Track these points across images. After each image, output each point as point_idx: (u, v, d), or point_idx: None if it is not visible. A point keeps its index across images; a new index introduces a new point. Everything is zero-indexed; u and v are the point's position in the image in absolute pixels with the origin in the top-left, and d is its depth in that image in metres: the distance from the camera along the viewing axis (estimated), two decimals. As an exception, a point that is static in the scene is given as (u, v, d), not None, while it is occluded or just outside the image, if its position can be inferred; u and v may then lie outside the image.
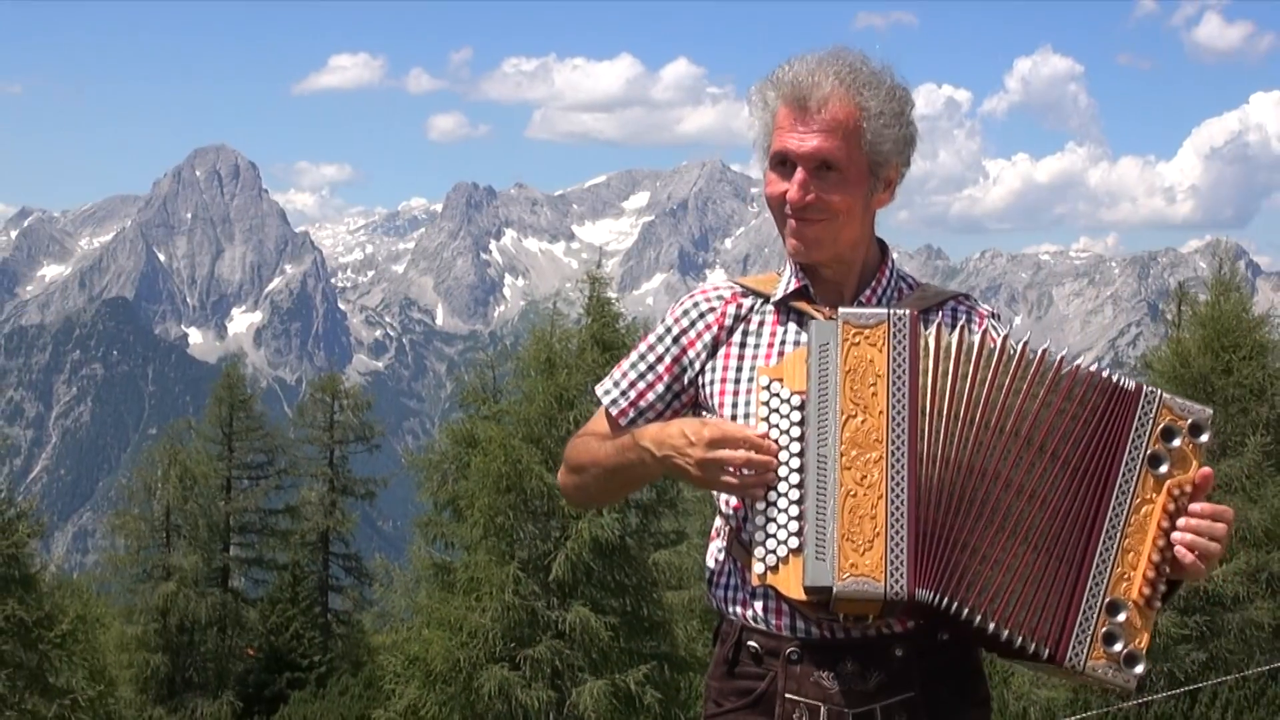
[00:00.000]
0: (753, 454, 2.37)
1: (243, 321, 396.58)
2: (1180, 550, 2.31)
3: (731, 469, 2.39)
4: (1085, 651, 2.29)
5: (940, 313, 2.58)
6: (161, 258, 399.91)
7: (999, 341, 2.38)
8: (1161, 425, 2.34)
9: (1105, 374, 2.36)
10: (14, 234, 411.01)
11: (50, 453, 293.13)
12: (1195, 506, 2.34)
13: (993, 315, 2.63)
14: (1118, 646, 2.29)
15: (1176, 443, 2.34)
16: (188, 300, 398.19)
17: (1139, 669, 2.29)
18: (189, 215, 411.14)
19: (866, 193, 2.50)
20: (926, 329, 2.40)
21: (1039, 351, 2.36)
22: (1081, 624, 2.29)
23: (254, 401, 28.23)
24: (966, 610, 2.30)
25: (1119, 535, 2.31)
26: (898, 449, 2.33)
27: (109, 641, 21.68)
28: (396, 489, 29.48)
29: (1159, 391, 2.35)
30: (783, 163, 2.49)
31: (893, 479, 2.32)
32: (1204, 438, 2.35)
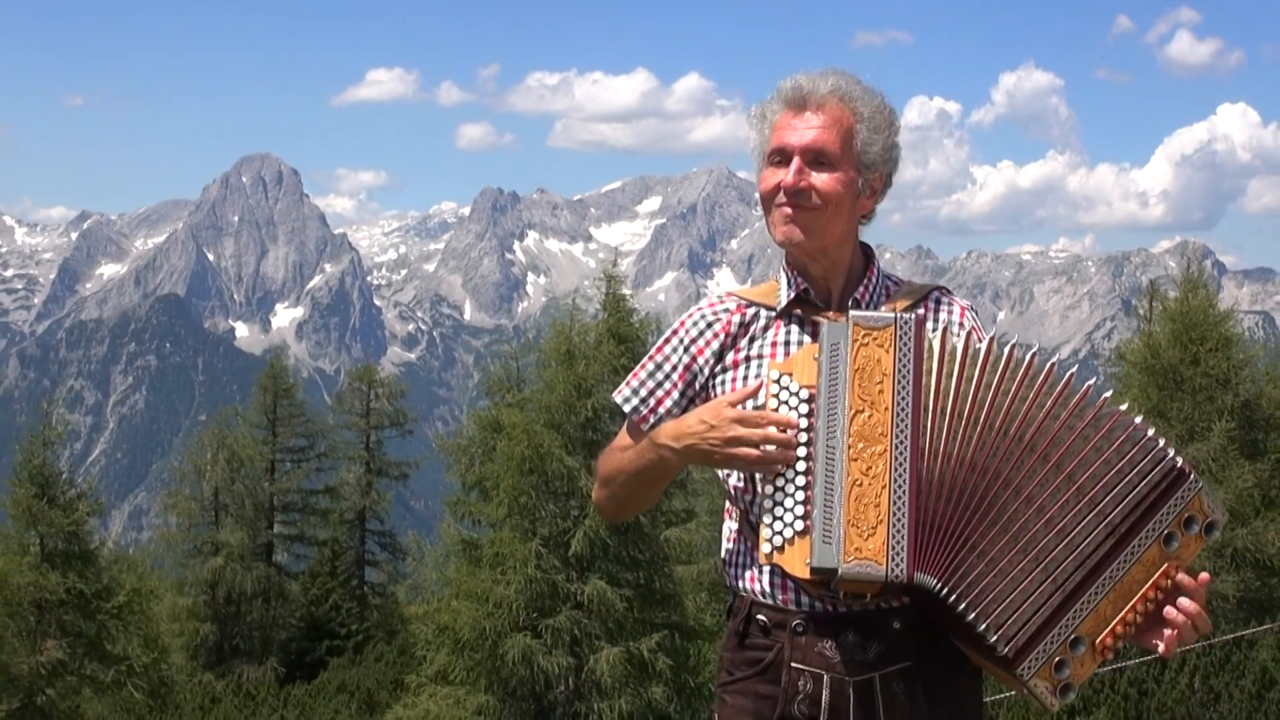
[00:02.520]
0: (771, 430, 2.38)
1: (285, 316, 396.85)
2: (1168, 629, 2.32)
3: (753, 444, 2.39)
4: (1036, 668, 2.29)
5: (926, 304, 2.61)
6: (210, 257, 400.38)
7: (1006, 349, 2.37)
8: (1188, 514, 2.33)
9: (1160, 443, 2.33)
10: (74, 235, 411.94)
11: (108, 438, 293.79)
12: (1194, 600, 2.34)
13: (972, 309, 2.65)
14: (1063, 674, 2.30)
15: (1192, 531, 2.34)
16: (235, 297, 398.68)
17: (1068, 698, 2.31)
18: (236, 218, 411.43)
19: (854, 191, 2.52)
20: (932, 334, 2.40)
21: (1047, 364, 2.36)
22: (1047, 644, 2.29)
23: (296, 390, 28.22)
24: (954, 597, 2.30)
25: (1111, 586, 2.31)
26: (901, 443, 2.33)
27: (162, 612, 21.68)
28: (428, 471, 29.41)
29: (1201, 483, 2.35)
30: (780, 158, 2.51)
31: (896, 471, 2.32)
32: (1213, 536, 2.35)
